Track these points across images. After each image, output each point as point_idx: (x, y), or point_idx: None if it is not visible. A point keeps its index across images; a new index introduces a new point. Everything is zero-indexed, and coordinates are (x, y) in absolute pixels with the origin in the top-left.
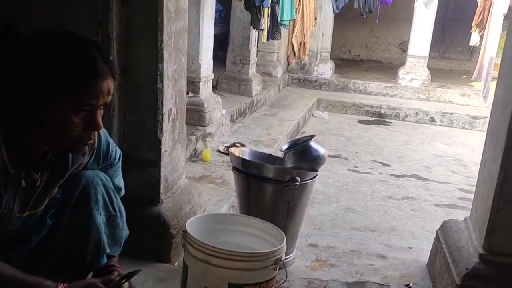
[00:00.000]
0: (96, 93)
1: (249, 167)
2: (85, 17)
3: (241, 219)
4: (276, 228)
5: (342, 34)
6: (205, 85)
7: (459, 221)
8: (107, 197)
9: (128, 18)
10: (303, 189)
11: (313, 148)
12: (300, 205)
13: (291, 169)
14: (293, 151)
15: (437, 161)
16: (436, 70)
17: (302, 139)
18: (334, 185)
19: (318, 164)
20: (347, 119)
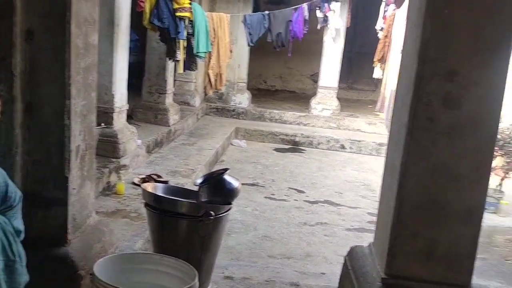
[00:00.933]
0: None
1: (162, 203)
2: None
3: (153, 258)
4: (188, 265)
5: (258, 65)
6: (119, 115)
7: (364, 247)
8: (6, 242)
9: (34, 54)
10: (217, 223)
11: (227, 181)
12: (215, 239)
13: (205, 204)
14: (207, 185)
15: (348, 186)
16: (345, 100)
17: (216, 172)
18: (252, 213)
19: (232, 197)
20: (264, 147)
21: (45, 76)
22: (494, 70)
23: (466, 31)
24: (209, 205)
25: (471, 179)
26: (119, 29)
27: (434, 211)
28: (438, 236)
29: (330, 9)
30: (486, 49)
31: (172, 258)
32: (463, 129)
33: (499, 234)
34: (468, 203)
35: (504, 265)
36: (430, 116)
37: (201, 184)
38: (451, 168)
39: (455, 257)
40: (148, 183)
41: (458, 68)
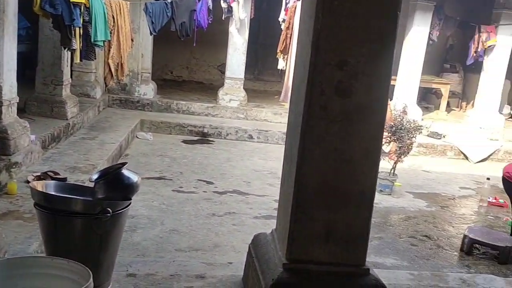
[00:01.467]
0: None
1: (54, 202)
2: None
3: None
4: (81, 266)
5: (163, 55)
6: (9, 109)
7: (267, 234)
8: None
9: None
10: (116, 220)
11: (125, 176)
12: (114, 236)
13: (101, 201)
14: (104, 180)
15: (256, 175)
16: (252, 91)
17: (113, 167)
18: (159, 207)
19: (132, 192)
20: (172, 140)
21: None
22: (381, 61)
23: (354, 23)
24: (106, 202)
25: (362, 163)
26: (5, 16)
27: (330, 195)
28: (334, 218)
29: (234, 0)
30: (373, 41)
31: (64, 260)
32: (354, 116)
33: (394, 214)
34: (360, 186)
35: (398, 243)
36: (324, 104)
37: (96, 180)
38: (344, 154)
39: (351, 238)
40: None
41: (348, 58)
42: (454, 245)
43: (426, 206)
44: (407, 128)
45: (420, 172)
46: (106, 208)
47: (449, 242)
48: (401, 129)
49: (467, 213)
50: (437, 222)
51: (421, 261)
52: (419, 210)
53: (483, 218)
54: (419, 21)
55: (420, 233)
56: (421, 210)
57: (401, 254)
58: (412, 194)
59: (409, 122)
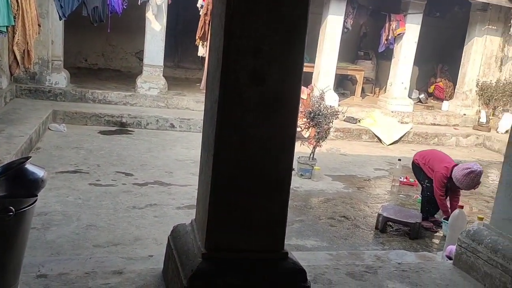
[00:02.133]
0: None
1: None
2: None
3: None
4: None
5: (76, 42)
6: None
7: (186, 225)
8: None
9: None
10: (20, 218)
11: (30, 171)
12: (20, 236)
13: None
14: (5, 177)
15: (178, 165)
16: (173, 79)
17: (15, 162)
18: (75, 202)
19: (37, 189)
20: (88, 131)
21: None
22: (293, 48)
23: (266, 10)
24: (8, 199)
25: (278, 149)
26: None
27: (246, 182)
28: (252, 205)
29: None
30: (286, 28)
31: None
32: (269, 103)
33: (314, 197)
34: (277, 172)
35: (318, 224)
36: (239, 91)
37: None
38: (260, 141)
39: (268, 224)
40: None
41: (262, 46)
42: (369, 224)
43: (344, 188)
44: (324, 114)
45: (338, 156)
46: (8, 207)
47: (365, 221)
48: (319, 115)
49: (381, 193)
50: (354, 203)
51: (339, 241)
52: (337, 192)
53: (396, 197)
54: (334, 10)
55: (339, 214)
56: (339, 192)
57: (321, 236)
58: (331, 177)
59: (327, 108)
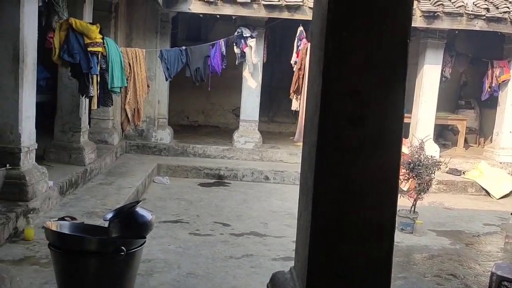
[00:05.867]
0: None
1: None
2: None
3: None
4: None
5: (180, 101)
6: (27, 156)
7: (285, 272)
8: None
9: None
10: (130, 259)
11: (139, 214)
12: (129, 277)
13: (115, 239)
14: (118, 219)
15: (273, 216)
16: (267, 133)
17: (127, 206)
18: (175, 251)
19: (146, 230)
20: (188, 183)
21: None
22: (392, 90)
23: (364, 53)
24: (120, 240)
25: (378, 194)
26: (25, 65)
27: (347, 228)
28: (353, 253)
29: (246, 45)
30: (384, 70)
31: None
32: (368, 146)
33: (417, 253)
34: (378, 219)
35: (423, 282)
36: (337, 134)
37: (111, 219)
38: (359, 185)
39: (370, 274)
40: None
41: (360, 88)
42: (481, 283)
43: (450, 244)
44: (425, 164)
45: (442, 210)
46: (120, 247)
47: (476, 280)
48: (419, 166)
49: (493, 250)
50: (463, 260)
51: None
52: (443, 248)
53: (510, 255)
54: (430, 59)
55: (446, 272)
56: (445, 248)
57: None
58: (435, 232)
59: (427, 158)
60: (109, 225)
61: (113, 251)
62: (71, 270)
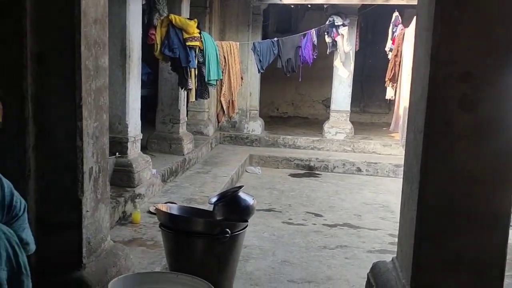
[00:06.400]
0: None
1: (177, 223)
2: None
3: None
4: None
5: (270, 93)
6: (133, 145)
7: (387, 262)
8: (11, 252)
9: (44, 77)
10: (234, 241)
11: (242, 199)
12: (232, 258)
13: (220, 221)
14: (222, 203)
15: (366, 209)
16: (358, 124)
17: (230, 191)
18: (270, 238)
19: (248, 215)
20: (279, 173)
21: (56, 99)
22: (508, 70)
23: (477, 33)
24: (225, 222)
25: (493, 182)
26: (131, 60)
27: (457, 217)
28: (463, 243)
29: (338, 34)
30: (498, 50)
31: (188, 276)
32: (481, 131)
33: None
34: (492, 208)
35: None
36: (447, 119)
37: (215, 202)
38: (471, 172)
39: (483, 266)
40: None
41: (472, 70)
42: None
43: None
44: None
45: None
46: (225, 229)
47: None
48: None
49: None
50: None
51: None
52: None
53: None
54: None
55: None
56: None
57: None
58: None
59: None
60: (213, 208)
61: (218, 233)
62: (180, 249)
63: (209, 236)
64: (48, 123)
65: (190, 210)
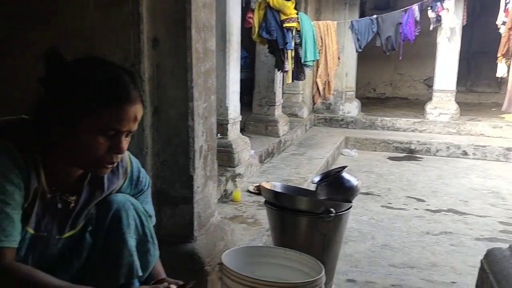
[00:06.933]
0: (122, 117)
1: (281, 200)
2: (119, 61)
3: (277, 252)
4: (313, 259)
5: (366, 73)
6: (233, 126)
7: (503, 249)
8: (139, 221)
9: (159, 60)
10: (338, 221)
11: (346, 179)
12: (336, 239)
13: (324, 201)
14: (326, 182)
15: (474, 194)
16: (464, 104)
17: (333, 171)
18: (369, 222)
19: (352, 195)
20: (377, 156)
21: (169, 80)
22: None
23: None
24: (330, 202)
25: None
26: (231, 44)
27: None
28: None
29: (443, 8)
30: None
31: (296, 252)
32: None
33: None
34: None
35: None
36: None
37: (319, 182)
38: None
39: None
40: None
41: None
42: None
43: None
44: None
45: None
46: (329, 208)
47: None
48: None
49: None
50: None
51: None
52: None
53: None
54: None
55: None
56: None
57: None
58: None
59: None
60: (316, 188)
61: (323, 212)
62: (285, 226)
63: (314, 214)
64: (163, 104)
65: (293, 188)
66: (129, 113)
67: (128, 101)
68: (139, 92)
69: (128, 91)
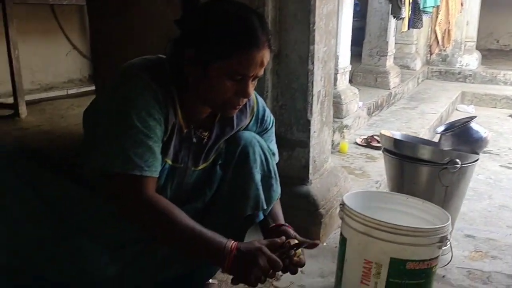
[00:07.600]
0: (250, 62)
1: (402, 148)
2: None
3: (398, 198)
4: (438, 208)
5: (489, 22)
6: (342, 77)
7: None
8: (264, 158)
9: (282, 2)
10: (463, 174)
11: (474, 130)
12: (458, 192)
13: (450, 151)
14: (451, 133)
15: None
16: None
17: (459, 121)
18: (485, 181)
19: (480, 147)
20: (497, 113)
21: (291, 23)
22: None
23: None
24: (455, 152)
25: None
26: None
27: None
28: None
29: None
30: None
31: (419, 200)
32: None
33: None
34: None
35: None
36: None
37: (443, 132)
38: None
39: None
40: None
41: None
42: None
43: None
44: None
45: None
46: (455, 159)
47: None
48: None
49: None
50: None
51: None
52: None
53: None
54: None
55: None
56: None
57: None
58: None
59: None
60: (440, 138)
61: (447, 162)
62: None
63: (437, 165)
64: (284, 47)
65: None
66: (257, 58)
67: (256, 46)
68: (268, 36)
69: (257, 36)
